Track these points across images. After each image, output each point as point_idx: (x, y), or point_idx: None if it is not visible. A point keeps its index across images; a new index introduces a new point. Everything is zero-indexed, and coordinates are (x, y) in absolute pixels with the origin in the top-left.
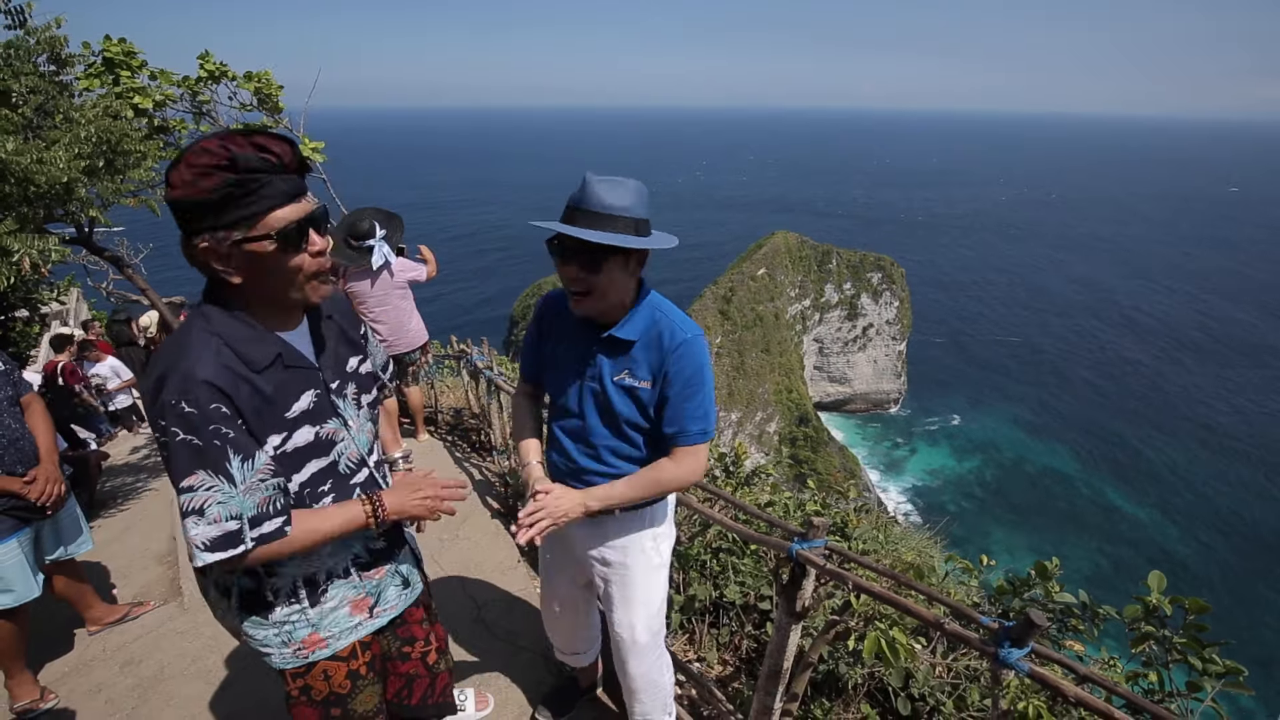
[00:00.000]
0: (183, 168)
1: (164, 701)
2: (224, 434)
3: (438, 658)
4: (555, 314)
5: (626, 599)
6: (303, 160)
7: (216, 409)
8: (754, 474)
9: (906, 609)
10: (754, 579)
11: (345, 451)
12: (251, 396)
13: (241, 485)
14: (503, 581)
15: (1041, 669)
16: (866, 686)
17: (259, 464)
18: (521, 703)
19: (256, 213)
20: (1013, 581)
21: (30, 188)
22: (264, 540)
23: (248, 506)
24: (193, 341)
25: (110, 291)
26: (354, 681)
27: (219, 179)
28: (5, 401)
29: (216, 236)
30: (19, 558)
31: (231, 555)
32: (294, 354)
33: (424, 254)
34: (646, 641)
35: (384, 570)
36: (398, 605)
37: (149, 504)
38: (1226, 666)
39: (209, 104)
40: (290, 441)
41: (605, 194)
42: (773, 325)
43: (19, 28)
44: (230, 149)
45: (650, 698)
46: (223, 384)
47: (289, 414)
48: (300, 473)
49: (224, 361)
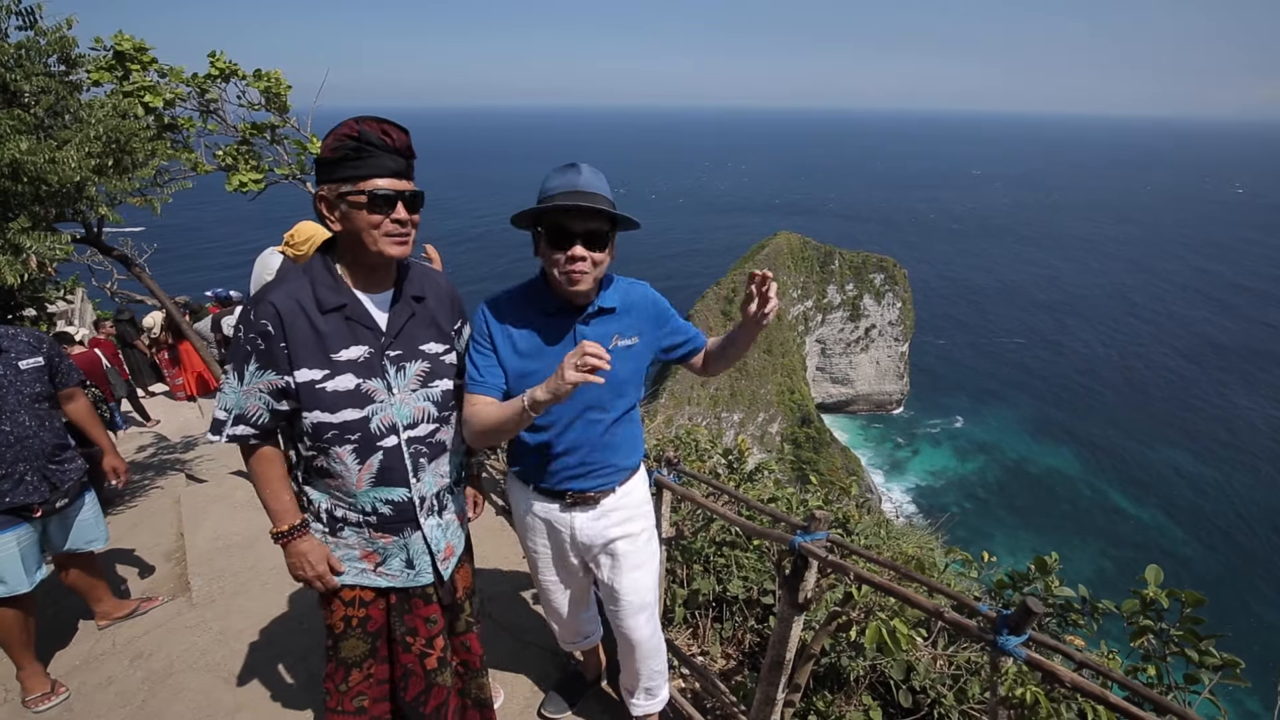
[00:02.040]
0: (330, 135)
1: (173, 694)
2: (258, 344)
3: (438, 666)
4: (515, 317)
5: (637, 565)
6: (409, 146)
7: (264, 325)
8: (757, 469)
9: (907, 599)
10: (757, 573)
11: (379, 413)
12: (305, 329)
13: (244, 385)
14: (507, 576)
15: (1039, 656)
16: (868, 679)
17: (266, 378)
18: (527, 695)
19: (362, 175)
20: (1012, 576)
21: (42, 187)
22: (234, 440)
23: (238, 405)
24: (288, 277)
25: (114, 291)
26: (346, 625)
27: (342, 141)
28: (29, 398)
29: (330, 187)
30: (13, 551)
31: (212, 439)
32: (360, 310)
33: (429, 253)
34: (652, 600)
35: (389, 539)
36: (399, 579)
37: (156, 501)
38: (1224, 659)
39: (217, 102)
40: (332, 381)
41: (595, 179)
42: (775, 326)
43: (29, 28)
44: (360, 126)
45: (660, 657)
46: (284, 310)
47: (335, 355)
48: (336, 414)
49: (296, 296)
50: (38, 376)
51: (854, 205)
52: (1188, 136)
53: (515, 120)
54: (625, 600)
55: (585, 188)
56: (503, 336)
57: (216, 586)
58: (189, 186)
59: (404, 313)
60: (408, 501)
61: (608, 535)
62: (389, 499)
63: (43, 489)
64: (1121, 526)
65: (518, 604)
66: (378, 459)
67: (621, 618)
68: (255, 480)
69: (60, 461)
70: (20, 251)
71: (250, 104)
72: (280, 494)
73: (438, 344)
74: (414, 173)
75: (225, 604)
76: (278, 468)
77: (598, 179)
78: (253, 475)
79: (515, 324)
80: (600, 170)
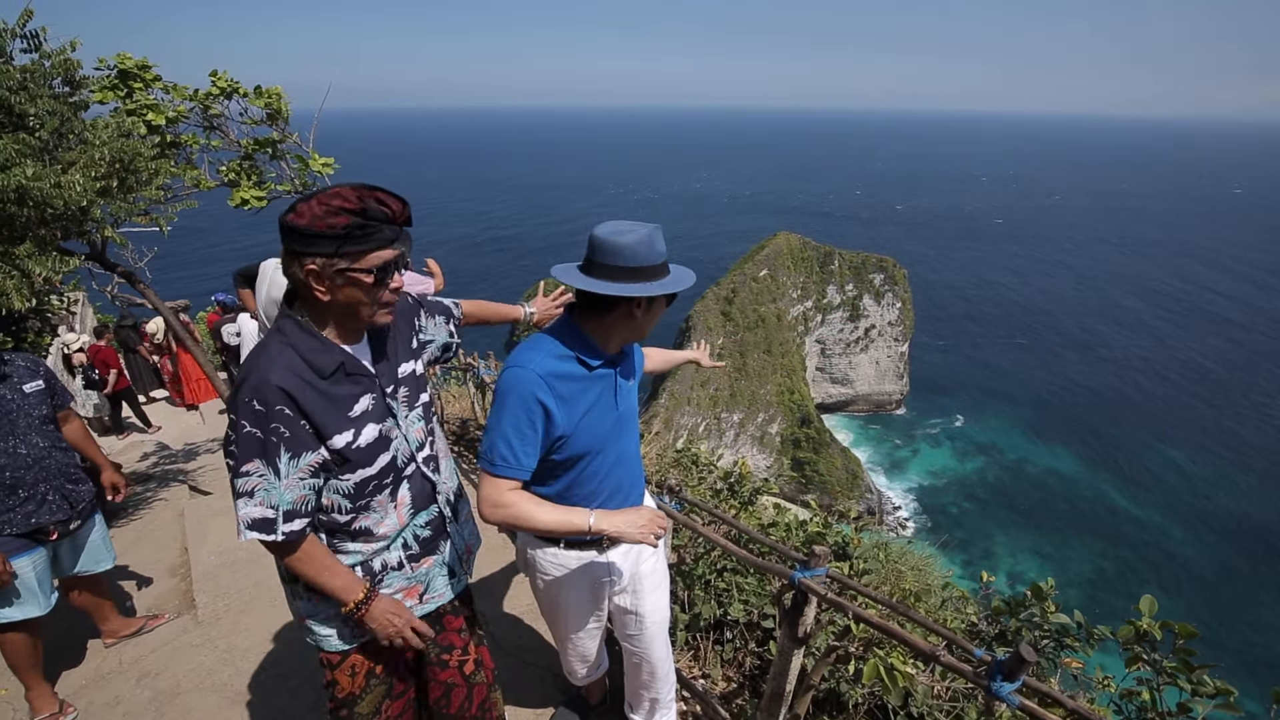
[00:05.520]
0: (315, 203)
1: (181, 714)
2: (282, 432)
3: (475, 668)
4: (564, 383)
5: (656, 585)
6: (408, 216)
7: (281, 410)
8: (756, 493)
9: (904, 639)
10: (757, 597)
11: (399, 448)
12: (318, 399)
13: (284, 479)
14: (510, 598)
15: (1031, 702)
16: (866, 705)
17: (303, 463)
18: (530, 717)
19: (365, 250)
20: (1009, 602)
21: (48, 211)
22: (290, 536)
23: (285, 500)
24: (270, 351)
25: (115, 296)
26: (368, 681)
27: (349, 220)
28: (38, 420)
29: (329, 262)
30: (29, 575)
31: (264, 539)
32: (355, 363)
33: (430, 267)
34: (666, 617)
35: (431, 560)
36: (445, 593)
37: (160, 514)
38: (1218, 687)
39: (220, 118)
40: (361, 437)
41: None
42: (775, 326)
43: (34, 51)
44: (364, 200)
45: (672, 676)
46: (291, 388)
47: (352, 414)
48: (371, 466)
49: (294, 370)
50: (42, 399)
51: (854, 205)
52: (1188, 137)
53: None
54: (649, 622)
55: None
56: (558, 404)
57: (222, 604)
58: (194, 205)
59: (379, 347)
60: (438, 516)
61: (640, 562)
62: (426, 521)
63: (64, 508)
64: (1121, 526)
65: (520, 625)
66: (406, 490)
67: (644, 641)
68: (309, 566)
69: (76, 481)
70: (28, 276)
71: (252, 120)
72: (338, 567)
73: (409, 362)
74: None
75: (231, 622)
76: (321, 545)
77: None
78: (304, 562)
79: (568, 386)
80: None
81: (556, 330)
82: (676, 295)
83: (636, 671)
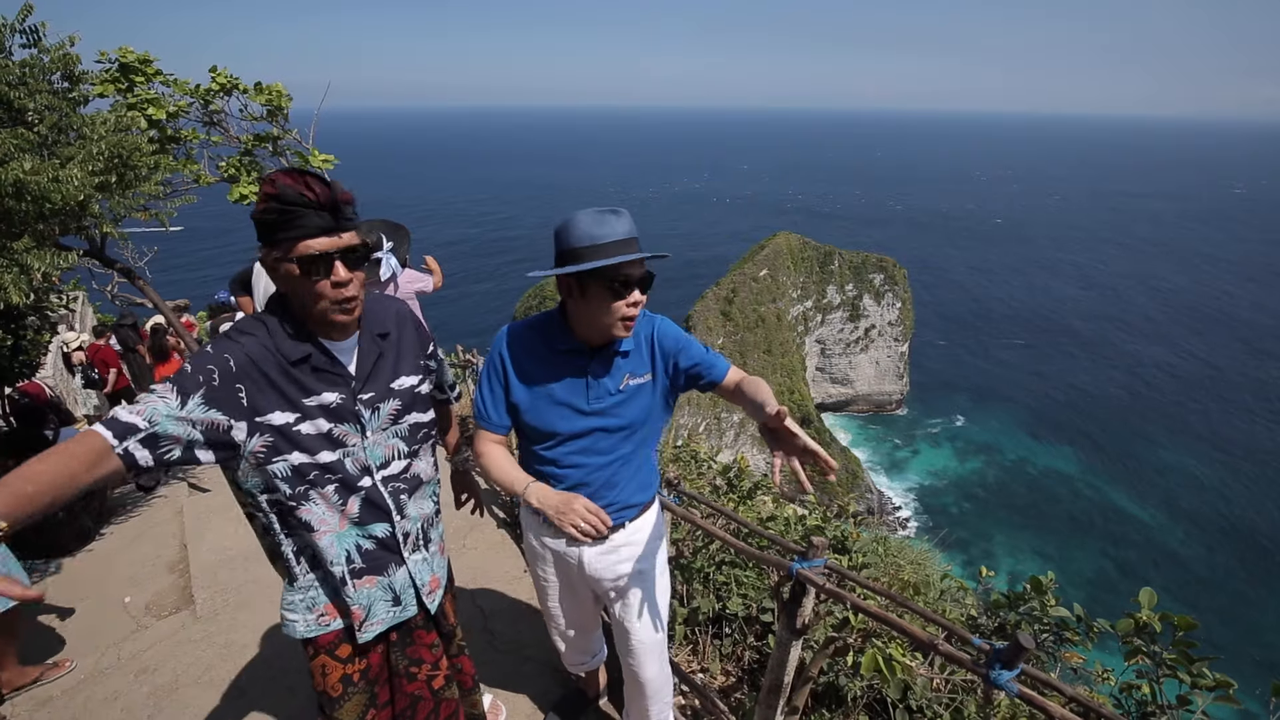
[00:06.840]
0: (262, 188)
1: (179, 710)
2: (212, 380)
3: (444, 684)
4: (531, 350)
5: (646, 602)
6: (336, 201)
7: (226, 361)
8: (756, 487)
9: (902, 629)
10: (756, 591)
11: (352, 454)
12: (278, 373)
13: (182, 412)
14: (509, 591)
15: (1030, 690)
16: (866, 698)
17: (207, 415)
18: (529, 711)
19: (292, 238)
20: (1008, 595)
21: (46, 205)
22: (125, 457)
23: (162, 424)
24: (244, 327)
25: (115, 295)
26: (345, 686)
27: (267, 205)
28: None
29: (265, 250)
30: None
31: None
32: (324, 360)
33: (429, 264)
34: (662, 638)
35: (374, 580)
36: (385, 621)
37: (159, 510)
38: (1217, 680)
39: (220, 114)
40: (302, 424)
41: (632, 223)
42: (775, 326)
43: (33, 46)
44: (278, 185)
45: (667, 694)
46: (254, 354)
47: (307, 401)
48: (313, 456)
49: (261, 345)
50: None
51: (854, 205)
52: (1188, 136)
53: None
54: (636, 640)
55: (633, 234)
56: (516, 369)
57: (220, 600)
58: (194, 201)
59: (371, 353)
60: (390, 536)
61: (618, 571)
62: (372, 534)
63: None
64: (1121, 526)
65: (519, 620)
66: (357, 501)
67: (635, 658)
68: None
69: None
70: (27, 271)
71: (252, 116)
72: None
73: (410, 377)
74: (353, 224)
75: (229, 618)
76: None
77: (632, 223)
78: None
79: (530, 357)
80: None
81: (549, 311)
82: (634, 284)
83: (630, 682)
